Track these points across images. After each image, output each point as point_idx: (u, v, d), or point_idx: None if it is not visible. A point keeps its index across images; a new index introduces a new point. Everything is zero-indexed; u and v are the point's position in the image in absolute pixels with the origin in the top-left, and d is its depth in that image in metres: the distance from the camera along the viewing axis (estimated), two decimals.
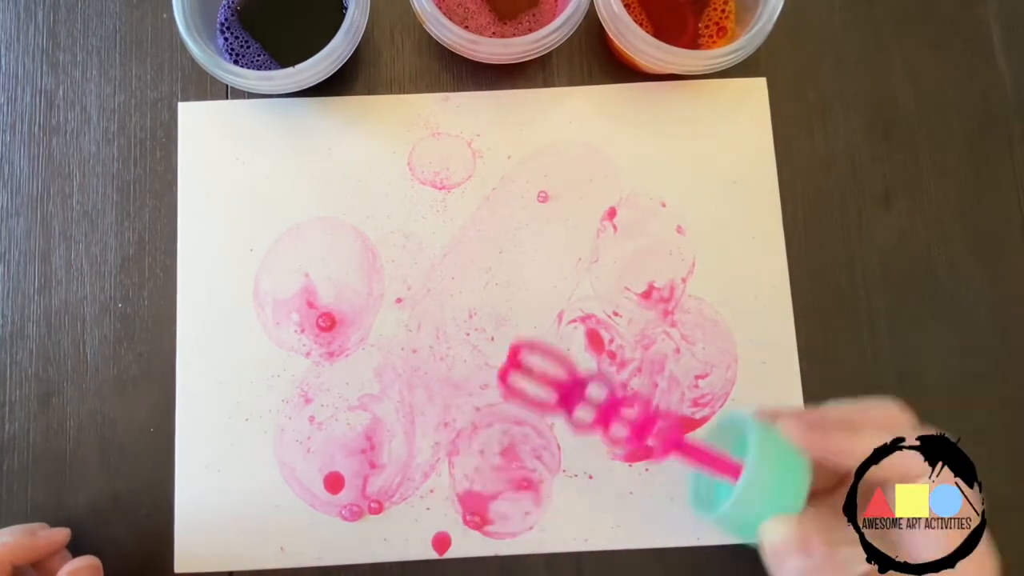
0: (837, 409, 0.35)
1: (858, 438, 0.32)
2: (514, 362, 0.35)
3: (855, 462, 0.32)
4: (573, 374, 0.35)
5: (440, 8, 0.42)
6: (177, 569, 0.43)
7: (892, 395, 0.45)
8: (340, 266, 0.45)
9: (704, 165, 0.47)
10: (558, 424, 0.44)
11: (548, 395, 0.35)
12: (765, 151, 0.47)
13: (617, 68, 0.48)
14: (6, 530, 0.40)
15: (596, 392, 0.35)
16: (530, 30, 0.41)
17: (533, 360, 0.35)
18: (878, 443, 0.32)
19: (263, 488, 0.43)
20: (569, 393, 0.35)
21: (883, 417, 0.34)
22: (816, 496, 0.34)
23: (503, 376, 0.35)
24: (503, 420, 0.44)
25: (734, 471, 0.33)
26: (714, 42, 0.46)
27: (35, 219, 0.46)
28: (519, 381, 0.35)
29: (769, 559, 0.32)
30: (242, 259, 0.45)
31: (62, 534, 0.40)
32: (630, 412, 0.35)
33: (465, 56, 0.43)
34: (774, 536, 0.32)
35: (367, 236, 0.46)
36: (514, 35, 0.42)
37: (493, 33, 0.46)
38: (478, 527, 0.43)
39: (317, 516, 0.43)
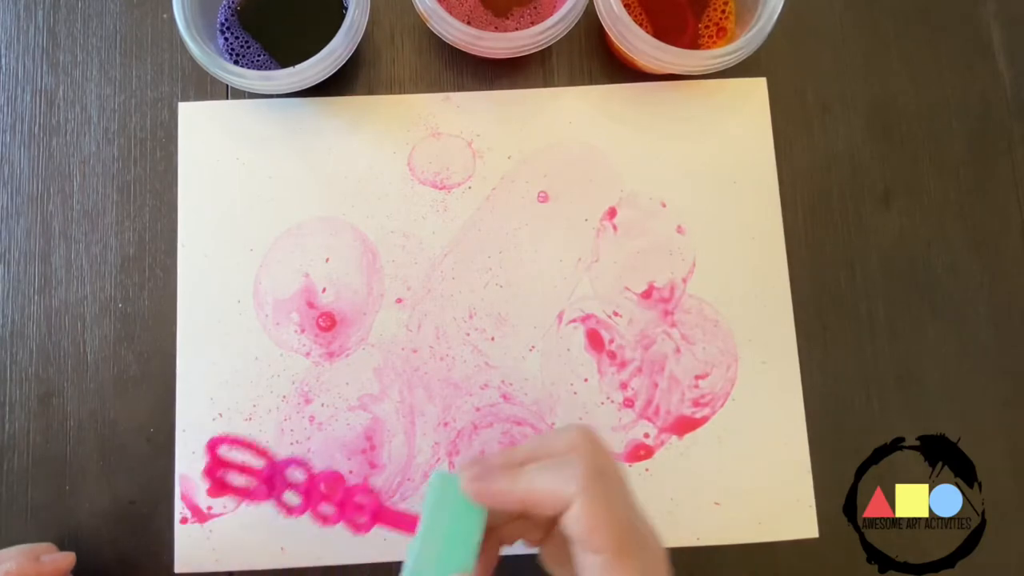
0: (521, 448, 0.33)
1: (519, 478, 0.31)
2: (215, 458, 0.35)
3: (520, 505, 0.30)
4: (271, 461, 0.35)
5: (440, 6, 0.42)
6: (177, 569, 0.43)
7: (892, 395, 0.45)
8: (340, 266, 0.45)
9: (704, 165, 0.47)
10: (559, 424, 0.44)
11: (252, 484, 0.35)
12: (765, 151, 0.47)
13: (617, 68, 0.48)
14: (9, 552, 0.39)
15: (295, 475, 0.35)
16: (530, 25, 0.41)
17: (232, 453, 0.35)
18: (539, 481, 0.30)
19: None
20: (271, 480, 0.35)
21: (563, 445, 0.32)
22: (546, 525, 0.34)
23: (209, 472, 0.35)
24: (503, 420, 0.44)
25: None
26: (714, 42, 0.46)
27: (35, 219, 0.46)
28: (224, 475, 0.35)
29: None
30: (242, 259, 0.45)
31: (67, 560, 0.40)
32: (331, 487, 0.35)
33: (469, 52, 0.43)
34: None
35: (367, 236, 0.46)
36: (516, 30, 0.42)
37: (495, 28, 0.46)
38: None
39: None
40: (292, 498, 0.35)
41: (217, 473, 0.35)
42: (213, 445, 0.35)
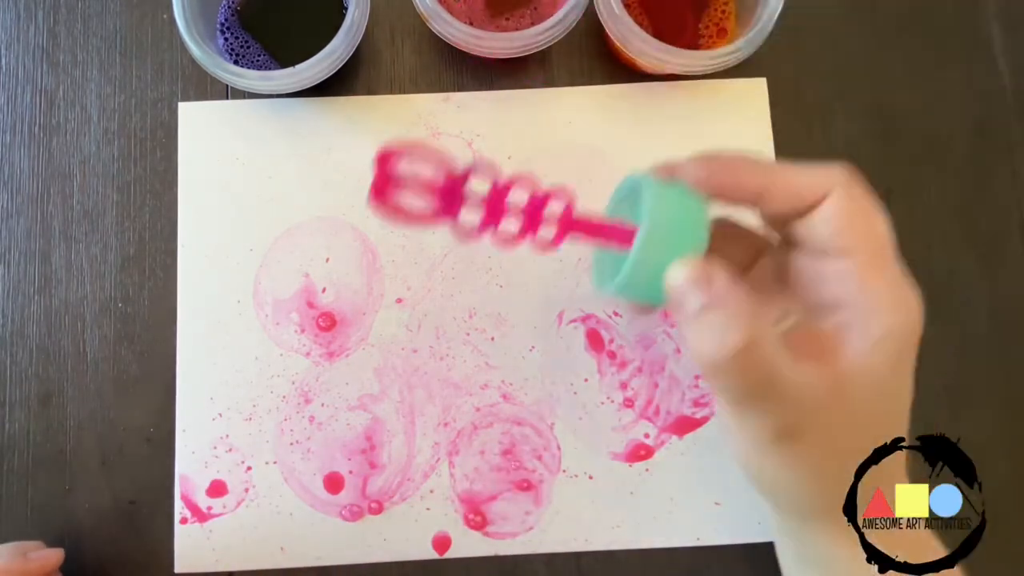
0: (758, 160, 0.30)
1: (759, 168, 0.28)
2: (383, 174, 0.29)
3: (758, 191, 0.27)
4: (450, 172, 0.29)
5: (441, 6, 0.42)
6: (177, 569, 0.43)
7: None
8: (340, 266, 0.45)
9: None
10: (559, 424, 0.44)
11: (426, 204, 0.29)
12: (765, 151, 0.47)
13: (617, 68, 0.48)
14: None
15: (478, 186, 0.29)
16: (530, 25, 0.41)
17: (404, 167, 0.29)
18: (786, 172, 0.27)
19: (263, 488, 0.43)
20: (449, 196, 0.29)
21: (823, 174, 0.28)
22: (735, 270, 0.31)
23: (377, 190, 0.29)
24: (503, 420, 0.44)
25: (631, 237, 0.29)
26: (714, 42, 0.46)
27: (35, 219, 0.46)
28: (394, 196, 0.29)
29: (674, 309, 0.28)
30: (242, 259, 0.45)
31: (56, 556, 0.40)
32: (518, 197, 0.29)
33: (470, 52, 0.43)
34: (674, 279, 0.27)
35: (367, 236, 0.46)
36: (516, 30, 0.42)
37: (495, 29, 0.46)
38: (478, 527, 0.43)
39: (317, 516, 0.43)
40: (471, 216, 0.29)
41: (386, 192, 0.29)
42: (383, 159, 0.29)
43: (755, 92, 0.48)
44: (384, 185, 0.29)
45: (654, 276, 0.28)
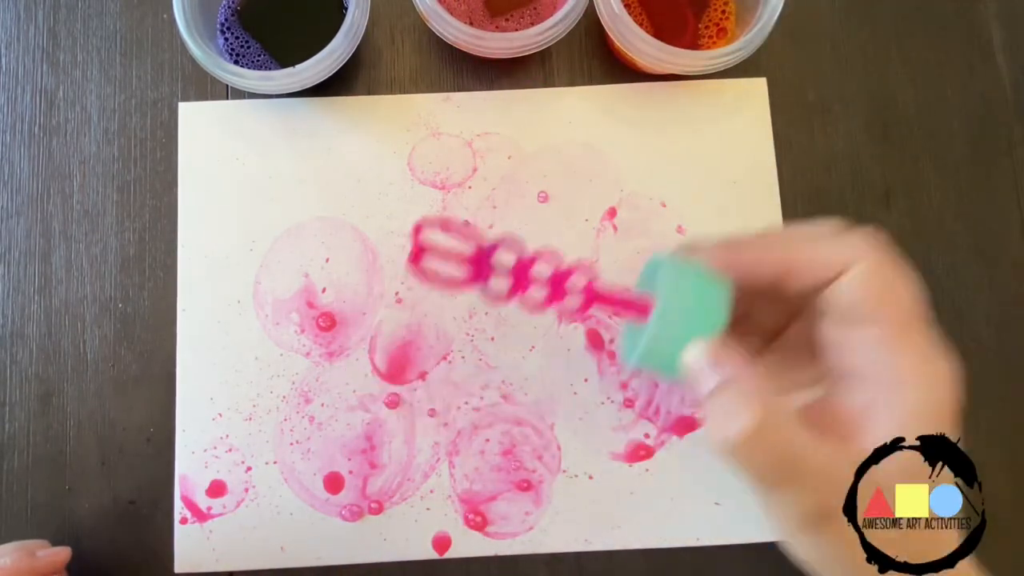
0: (775, 232, 0.29)
1: (776, 244, 0.27)
2: (419, 244, 0.33)
3: (778, 269, 0.27)
4: (479, 245, 0.32)
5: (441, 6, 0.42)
6: (177, 569, 0.43)
7: None
8: (340, 266, 0.45)
9: (704, 165, 0.47)
10: (559, 424, 0.44)
11: (459, 271, 0.32)
12: (765, 151, 0.47)
13: (617, 68, 0.48)
14: (5, 548, 0.39)
15: (505, 258, 0.32)
16: (531, 25, 0.41)
17: (437, 238, 0.32)
18: (807, 246, 0.27)
19: (263, 488, 0.43)
20: (479, 265, 0.32)
21: (848, 245, 0.28)
22: (765, 336, 0.31)
23: (414, 260, 0.32)
24: (503, 420, 0.44)
25: (649, 312, 0.30)
26: (714, 42, 0.46)
27: (35, 219, 0.46)
28: (430, 263, 0.32)
29: (691, 389, 0.28)
30: (242, 259, 0.45)
31: (63, 554, 0.40)
32: (542, 269, 0.32)
33: (469, 52, 0.43)
34: (690, 359, 0.28)
35: (367, 236, 0.46)
36: (516, 30, 0.42)
37: (495, 29, 0.46)
38: (478, 527, 0.43)
39: (317, 516, 0.43)
40: (500, 284, 0.32)
41: (420, 262, 0.33)
42: (418, 229, 0.33)
43: (755, 92, 0.48)
44: (419, 252, 0.33)
45: (672, 353, 0.29)
